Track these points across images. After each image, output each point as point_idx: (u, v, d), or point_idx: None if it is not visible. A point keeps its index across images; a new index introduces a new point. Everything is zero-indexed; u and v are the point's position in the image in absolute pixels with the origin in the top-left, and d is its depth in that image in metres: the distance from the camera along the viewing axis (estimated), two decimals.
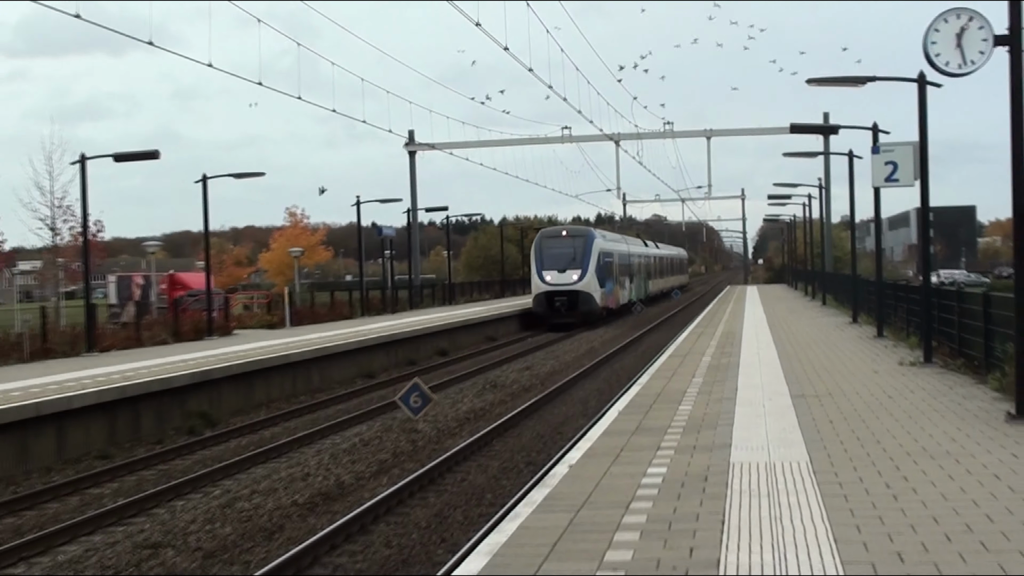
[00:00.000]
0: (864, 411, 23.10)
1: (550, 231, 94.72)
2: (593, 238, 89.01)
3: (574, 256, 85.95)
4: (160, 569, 19.44)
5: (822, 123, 65.56)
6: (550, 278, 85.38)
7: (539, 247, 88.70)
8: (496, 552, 12.66)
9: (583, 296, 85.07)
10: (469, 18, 49.76)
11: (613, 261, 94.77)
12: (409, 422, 33.76)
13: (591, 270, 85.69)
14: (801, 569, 11.41)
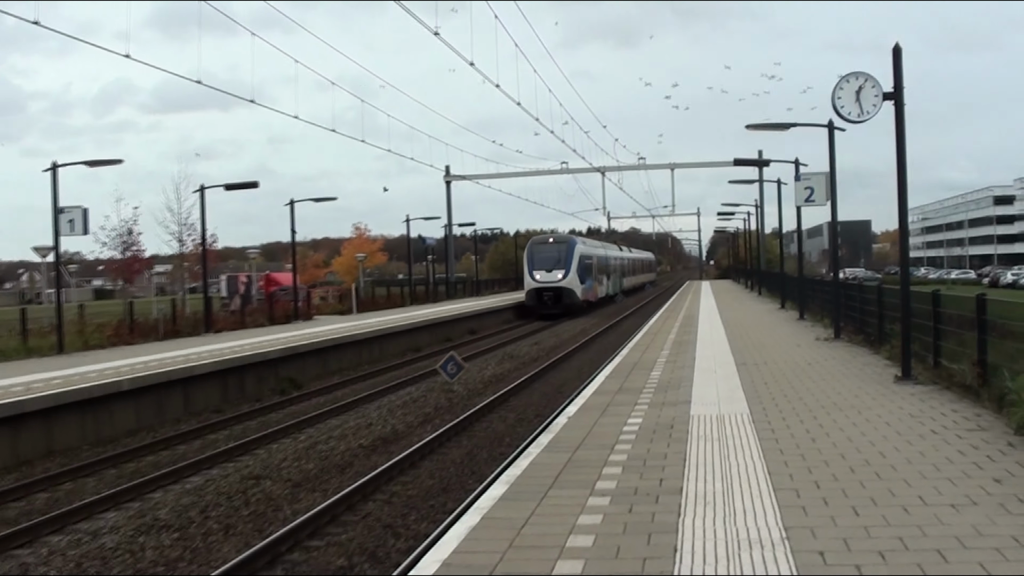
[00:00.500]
0: (790, 375, 23.07)
1: (539, 238, 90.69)
2: (575, 244, 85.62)
3: (559, 259, 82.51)
4: (261, 495, 19.43)
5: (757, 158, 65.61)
6: (539, 276, 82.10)
7: (530, 251, 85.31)
8: (513, 481, 12.66)
9: (566, 291, 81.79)
10: (491, 80, 49.67)
11: (592, 262, 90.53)
12: (447, 384, 33.72)
13: (573, 270, 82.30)
14: (743, 493, 11.40)
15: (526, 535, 10.10)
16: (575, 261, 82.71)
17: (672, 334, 37.86)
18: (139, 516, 17.95)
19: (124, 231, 72.10)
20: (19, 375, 29.74)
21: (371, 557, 15.27)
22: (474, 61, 46.83)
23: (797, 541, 9.41)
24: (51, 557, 15.71)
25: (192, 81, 37.73)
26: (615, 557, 9.18)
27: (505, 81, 62.76)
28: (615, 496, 11.56)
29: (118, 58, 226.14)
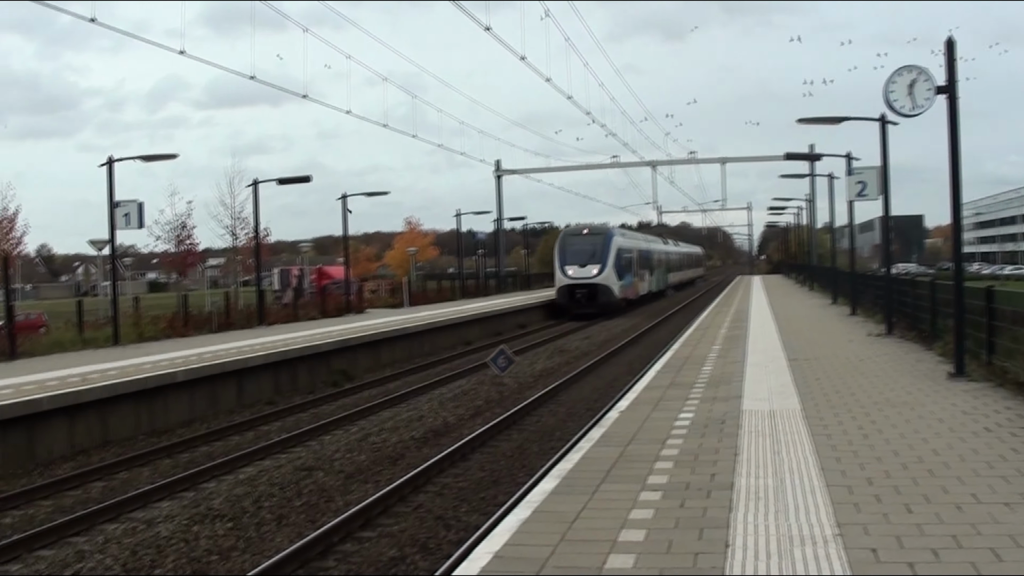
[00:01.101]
0: (842, 371, 22.94)
1: (573, 230, 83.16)
2: (612, 236, 77.43)
3: (594, 252, 74.50)
4: (314, 486, 19.48)
5: (809, 152, 65.19)
6: (572, 272, 74.05)
7: (562, 244, 77.41)
8: (564, 475, 12.63)
9: (602, 288, 73.75)
10: (541, 75, 49.62)
11: (632, 257, 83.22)
12: (497, 378, 33.73)
13: (610, 264, 74.31)
14: (795, 488, 11.33)
15: (577, 529, 10.09)
16: (612, 255, 75.19)
17: (723, 329, 37.73)
18: (193, 505, 18.05)
19: (178, 225, 72.65)
20: (76, 366, 29.95)
21: (422, 548, 15.29)
22: (525, 55, 46.74)
23: (849, 538, 9.35)
24: (107, 545, 15.81)
25: (245, 77, 37.82)
26: (667, 552, 9.16)
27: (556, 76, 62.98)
28: (667, 491, 11.52)
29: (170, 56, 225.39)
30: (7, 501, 19.08)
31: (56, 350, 36.63)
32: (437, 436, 24.97)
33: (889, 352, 26.97)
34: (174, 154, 41.59)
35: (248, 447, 23.82)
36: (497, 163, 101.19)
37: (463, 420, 27.17)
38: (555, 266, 77.40)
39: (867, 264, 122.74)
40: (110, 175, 38.44)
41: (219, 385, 30.07)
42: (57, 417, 23.52)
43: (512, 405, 28.91)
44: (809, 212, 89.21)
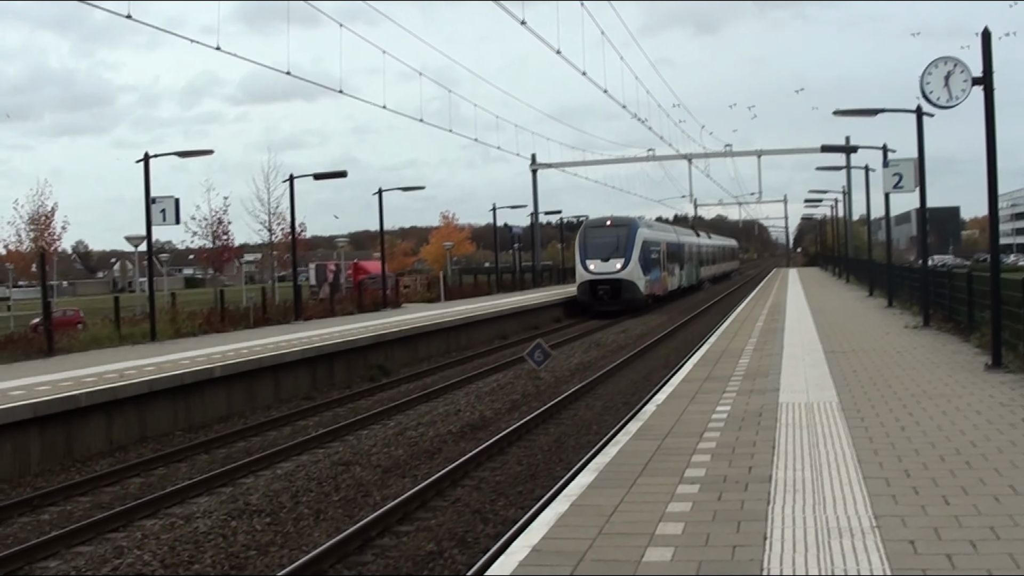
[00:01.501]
0: (879, 363, 22.89)
1: (594, 221, 76.31)
2: (637, 227, 72.15)
3: (617, 245, 69.55)
4: (351, 481, 19.55)
5: (845, 144, 64.99)
6: (593, 267, 69.21)
7: (583, 236, 72.69)
8: (602, 469, 12.66)
9: (626, 284, 68.63)
10: (577, 68, 49.59)
11: (660, 250, 78.60)
12: (534, 372, 33.75)
13: (634, 259, 69.33)
14: (833, 481, 11.34)
15: (615, 522, 10.11)
16: (637, 248, 70.20)
17: (759, 322, 37.68)
18: (231, 501, 18.13)
19: (214, 220, 73.02)
20: (113, 362, 30.09)
21: (460, 542, 15.33)
22: (560, 49, 46.67)
23: (887, 530, 9.35)
24: (145, 540, 15.89)
25: (281, 72, 37.95)
26: (705, 544, 9.17)
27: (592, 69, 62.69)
28: (704, 484, 11.54)
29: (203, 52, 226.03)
30: (46, 497, 19.21)
31: (93, 346, 36.81)
32: (474, 430, 25.01)
33: (926, 344, 26.90)
34: (210, 150, 42.06)
35: (285, 442, 23.90)
36: (533, 157, 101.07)
37: (500, 414, 27.21)
38: (576, 260, 73.25)
39: (903, 256, 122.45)
40: (147, 171, 38.61)
41: (256, 381, 30.19)
42: (95, 413, 23.65)
43: (549, 399, 28.93)
44: (845, 204, 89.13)
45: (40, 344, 35.32)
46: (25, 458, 21.58)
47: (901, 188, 33.05)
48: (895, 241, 66.71)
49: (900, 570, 8.22)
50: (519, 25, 40.90)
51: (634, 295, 69.33)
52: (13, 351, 34.15)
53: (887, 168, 33.87)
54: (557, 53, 45.92)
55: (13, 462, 21.22)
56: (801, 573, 8.25)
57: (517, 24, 40.83)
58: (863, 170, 56.23)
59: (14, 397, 22.73)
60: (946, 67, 21.10)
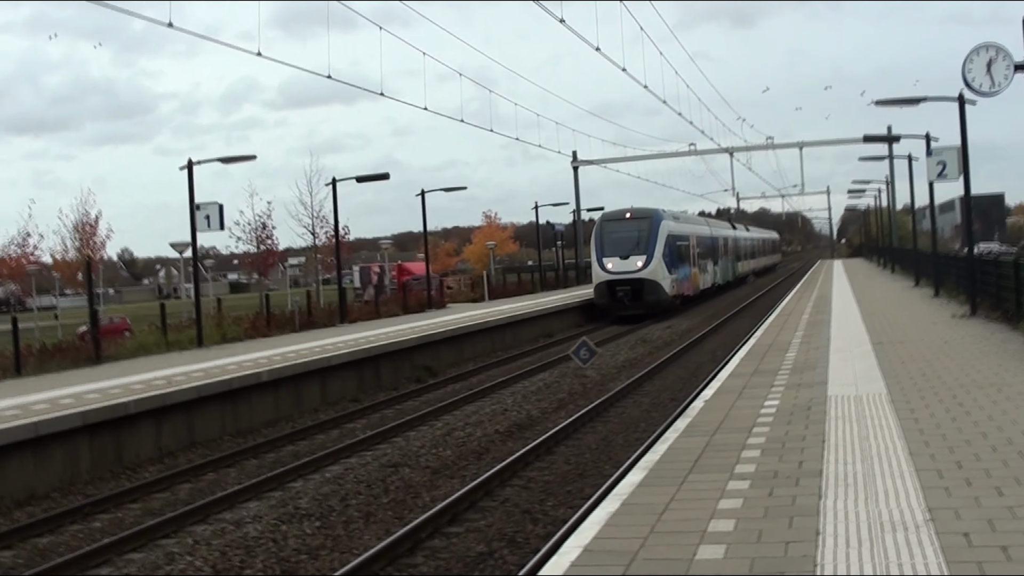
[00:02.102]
0: (927, 353, 22.76)
1: (612, 214, 68.32)
2: (660, 219, 64.04)
3: (638, 240, 62.24)
4: (400, 483, 19.56)
5: (887, 134, 64.66)
6: (611, 265, 61.71)
7: (600, 232, 65.06)
8: (652, 467, 12.62)
9: (649, 284, 61.12)
10: (616, 64, 49.51)
11: (689, 245, 70.77)
12: (580, 370, 33.74)
13: (658, 255, 61.88)
14: (884, 474, 11.27)
15: (666, 520, 10.07)
16: (660, 242, 62.57)
17: (805, 314, 37.57)
18: (281, 505, 18.17)
19: (258, 225, 73.30)
20: (161, 369, 30.24)
21: (510, 542, 15.32)
22: (599, 46, 46.65)
23: (941, 523, 9.28)
24: (196, 546, 15.95)
25: (322, 76, 38.03)
26: (757, 541, 9.13)
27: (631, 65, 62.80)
28: (755, 479, 11.48)
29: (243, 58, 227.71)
30: (96, 505, 19.30)
31: (140, 353, 37.00)
32: (521, 430, 25.01)
33: (974, 333, 26.74)
34: (252, 155, 41.90)
35: (333, 445, 23.95)
36: (574, 154, 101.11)
37: (547, 413, 27.20)
38: (592, 258, 66.20)
39: (948, 245, 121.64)
40: (190, 177, 38.78)
41: (303, 384, 30.28)
42: (144, 420, 23.77)
43: (596, 397, 28.91)
44: (889, 194, 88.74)
45: (88, 352, 35.52)
46: (75, 466, 21.70)
47: (945, 176, 32.94)
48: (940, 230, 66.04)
49: (956, 563, 8.16)
50: (557, 24, 40.87)
51: (658, 296, 62.10)
52: (61, 360, 34.35)
53: (930, 157, 33.77)
54: (596, 50, 45.92)
55: (64, 470, 21.34)
56: (856, 569, 8.19)
57: (554, 23, 40.84)
58: (906, 159, 55.98)
59: (63, 405, 22.86)
60: (988, 54, 21.03)
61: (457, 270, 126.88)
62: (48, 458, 20.96)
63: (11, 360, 33.00)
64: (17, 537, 17.34)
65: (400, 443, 23.83)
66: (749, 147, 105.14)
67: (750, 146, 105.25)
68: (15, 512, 19.22)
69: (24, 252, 70.43)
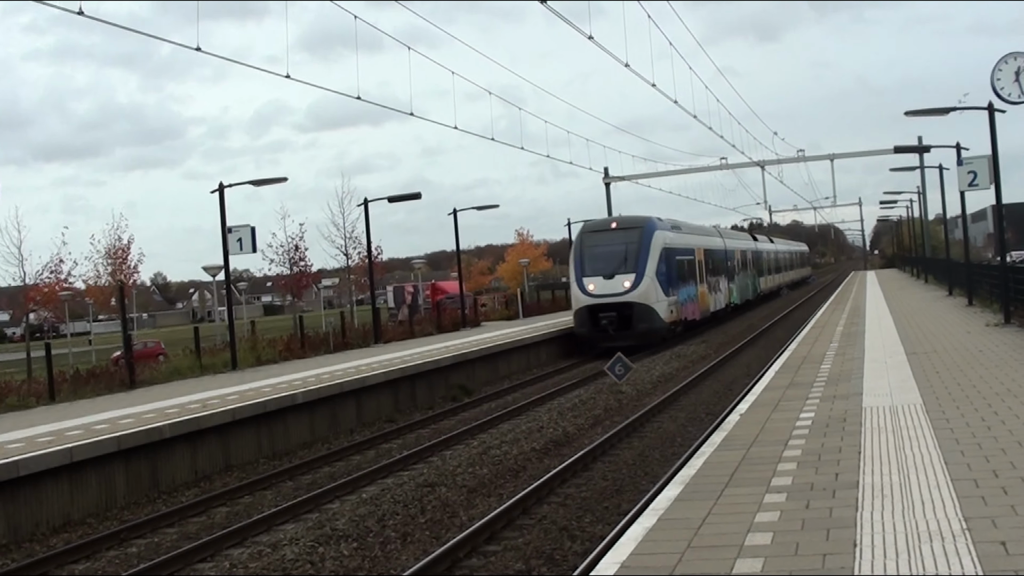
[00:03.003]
0: (962, 363, 22.70)
1: (595, 224, 57.13)
2: (653, 230, 53.18)
3: (626, 256, 51.74)
4: (437, 502, 19.60)
5: (918, 144, 64.50)
6: (593, 287, 51.28)
7: (580, 246, 54.06)
8: (688, 481, 12.63)
9: (639, 309, 50.46)
10: (646, 80, 49.45)
11: (694, 260, 60.13)
12: (615, 386, 33.74)
13: (650, 273, 51.18)
14: (921, 484, 11.26)
15: (704, 535, 10.09)
16: (653, 257, 51.92)
17: (840, 326, 37.49)
18: (317, 527, 18.21)
19: (291, 247, 73.51)
20: (195, 392, 30.38)
21: (548, 560, 15.35)
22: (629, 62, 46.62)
23: (978, 532, 9.27)
24: (233, 570, 16.02)
25: (351, 97, 38.24)
26: (794, 554, 9.14)
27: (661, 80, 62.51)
28: (791, 492, 11.49)
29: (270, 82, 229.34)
30: (133, 530, 19.39)
31: (175, 377, 37.19)
32: (558, 447, 25.03)
33: (1008, 341, 26.65)
34: (283, 178, 42.18)
35: (369, 466, 24.01)
36: (606, 170, 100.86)
37: (583, 430, 27.20)
38: (571, 278, 54.83)
39: (981, 254, 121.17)
40: (222, 201, 38.95)
41: (338, 405, 30.36)
42: (179, 444, 23.88)
43: (631, 412, 28.91)
44: (920, 204, 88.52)
45: (122, 377, 35.72)
46: (111, 491, 21.82)
47: (976, 186, 32.91)
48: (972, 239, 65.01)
49: (993, 572, 8.16)
50: (584, 41, 40.84)
51: (651, 323, 51.26)
52: (96, 385, 34.56)
53: (961, 167, 33.74)
54: (626, 66, 45.86)
55: (99, 495, 21.46)
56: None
57: (581, 40, 40.81)
58: (937, 169, 55.92)
59: (98, 431, 22.98)
60: (1016, 62, 21.05)
61: (491, 288, 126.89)
62: (83, 484, 21.08)
63: (45, 386, 33.21)
64: (53, 564, 17.44)
65: (436, 462, 23.87)
66: (780, 160, 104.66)
67: (781, 159, 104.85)
68: (51, 539, 19.35)
69: (57, 278, 70.56)
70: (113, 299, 74.11)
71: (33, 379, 38.85)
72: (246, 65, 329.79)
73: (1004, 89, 21.20)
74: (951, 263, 59.69)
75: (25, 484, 19.64)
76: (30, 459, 19.84)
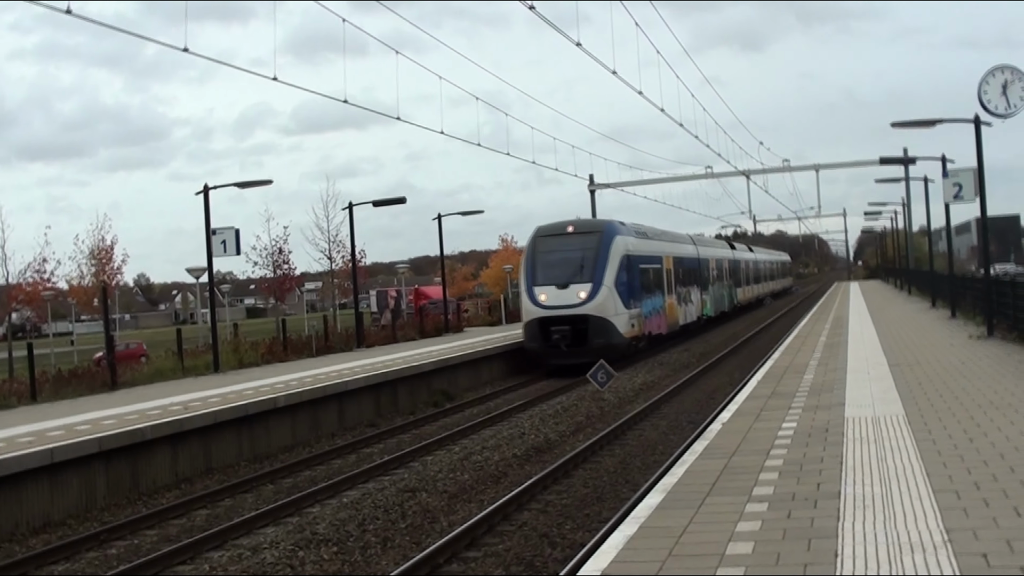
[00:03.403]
0: (944, 375, 22.74)
1: (550, 227, 50.41)
2: (613, 234, 48.24)
3: (582, 263, 46.69)
4: (418, 507, 19.58)
5: (903, 156, 64.63)
6: (545, 297, 45.99)
7: (532, 251, 48.65)
8: (670, 489, 12.64)
9: (595, 323, 45.13)
10: (633, 88, 49.46)
11: (661, 268, 55.41)
12: (597, 393, 33.73)
13: (608, 282, 46.03)
14: (902, 495, 11.27)
15: (685, 543, 10.09)
16: (613, 265, 46.67)
17: (823, 336, 37.56)
18: (298, 531, 18.18)
19: (275, 250, 73.45)
20: (177, 394, 30.30)
21: (528, 566, 15.33)
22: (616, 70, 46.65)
23: (959, 544, 9.29)
24: (212, 573, 15.99)
25: (337, 101, 38.14)
26: (776, 564, 9.14)
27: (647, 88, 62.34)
28: (773, 502, 11.50)
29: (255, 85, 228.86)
30: (113, 531, 19.33)
31: (157, 379, 37.10)
32: (539, 453, 25.03)
33: (991, 354, 26.70)
34: (268, 180, 42.03)
35: (351, 470, 23.98)
36: (591, 177, 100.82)
37: (564, 436, 27.22)
38: (520, 287, 50.21)
39: (965, 266, 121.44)
40: (206, 202, 38.89)
41: (320, 409, 30.32)
42: (160, 446, 23.82)
43: (613, 420, 28.93)
44: (905, 216, 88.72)
45: (104, 378, 35.62)
46: (92, 492, 21.76)
47: (961, 198, 33.00)
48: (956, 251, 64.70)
49: None
50: (569, 48, 40.89)
51: (609, 338, 45.35)
52: (77, 386, 34.45)
53: (946, 179, 33.83)
54: (613, 73, 45.91)
55: (80, 496, 21.40)
56: None
57: (568, 47, 40.83)
58: (922, 181, 56.04)
59: (80, 432, 22.92)
60: (1003, 76, 21.12)
61: (474, 294, 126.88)
62: (64, 485, 21.01)
63: (27, 386, 33.11)
64: (33, 565, 17.38)
65: (417, 468, 23.85)
66: (766, 170, 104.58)
67: (767, 168, 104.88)
68: (31, 539, 19.29)
69: (40, 278, 70.53)
70: (96, 300, 73.99)
71: (15, 379, 38.71)
72: (233, 67, 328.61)
73: (991, 102, 21.30)
74: (935, 275, 59.86)
75: (5, 484, 19.57)
76: (11, 459, 19.77)
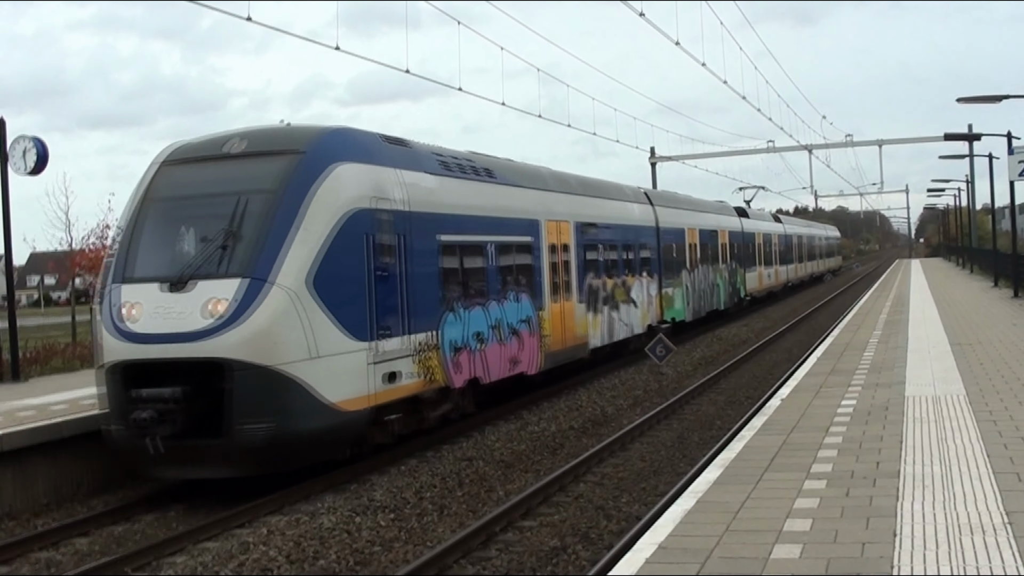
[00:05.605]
0: (1006, 354, 22.58)
1: (190, 148, 20.78)
2: (328, 162, 19.21)
3: (232, 229, 18.36)
4: (474, 476, 19.61)
5: (968, 132, 64.01)
6: (137, 313, 17.99)
7: (140, 202, 20.00)
8: (727, 465, 12.63)
9: (243, 381, 17.35)
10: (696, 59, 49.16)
11: (538, 242, 28.52)
12: (656, 367, 33.65)
13: (293, 271, 17.93)
14: (962, 476, 11.22)
15: (742, 519, 10.07)
16: (312, 233, 18.41)
17: (883, 315, 37.34)
18: (355, 497, 18.23)
19: None
20: None
21: (583, 538, 15.33)
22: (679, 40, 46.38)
23: (1019, 526, 9.23)
24: (270, 536, 16.05)
25: (400, 71, 37.90)
26: (833, 541, 9.11)
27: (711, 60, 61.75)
28: (831, 479, 11.45)
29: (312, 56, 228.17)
30: (172, 494, 19.45)
31: None
32: (596, 426, 25.00)
33: None
34: None
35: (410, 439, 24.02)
36: (652, 150, 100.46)
37: (622, 410, 27.16)
38: (96, 286, 20.51)
39: None
40: None
41: None
42: None
43: (671, 394, 28.83)
44: (968, 194, 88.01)
45: None
46: None
47: None
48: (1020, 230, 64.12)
49: None
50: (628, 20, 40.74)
51: (286, 419, 17.99)
52: None
53: (1012, 156, 33.48)
54: (676, 44, 45.64)
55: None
56: (933, 571, 8.15)
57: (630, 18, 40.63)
58: (987, 158, 55.52)
59: None
60: None
61: None
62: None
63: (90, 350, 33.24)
64: (93, 525, 17.53)
65: (476, 437, 23.84)
66: (828, 144, 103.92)
67: (829, 144, 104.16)
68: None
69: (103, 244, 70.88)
70: None
71: (78, 343, 39.00)
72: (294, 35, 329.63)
73: None
74: (997, 254, 59.30)
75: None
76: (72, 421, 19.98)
